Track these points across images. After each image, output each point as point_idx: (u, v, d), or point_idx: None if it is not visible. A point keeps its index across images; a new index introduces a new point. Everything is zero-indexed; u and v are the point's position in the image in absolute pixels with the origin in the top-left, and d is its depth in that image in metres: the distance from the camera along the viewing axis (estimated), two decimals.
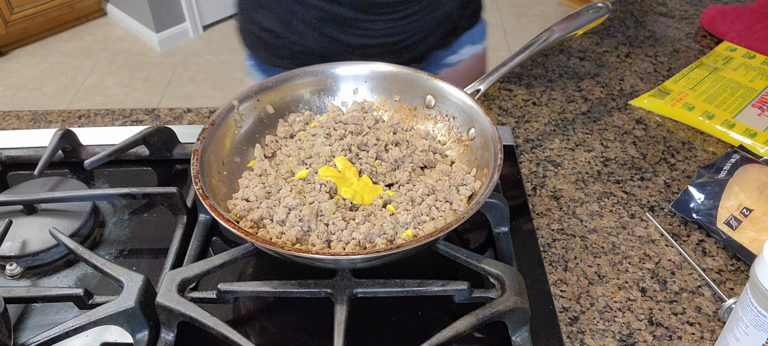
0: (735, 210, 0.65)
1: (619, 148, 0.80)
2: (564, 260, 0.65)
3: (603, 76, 0.93)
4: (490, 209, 0.64)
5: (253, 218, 0.59)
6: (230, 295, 0.57)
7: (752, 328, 0.47)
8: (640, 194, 0.73)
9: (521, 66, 0.95)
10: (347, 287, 0.56)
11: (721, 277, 0.63)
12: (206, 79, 2.75)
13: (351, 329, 0.54)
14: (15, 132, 0.84)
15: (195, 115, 0.88)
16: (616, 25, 1.06)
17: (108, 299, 0.56)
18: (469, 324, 0.52)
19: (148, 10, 2.85)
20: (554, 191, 0.73)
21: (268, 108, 0.72)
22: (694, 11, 1.09)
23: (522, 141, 0.81)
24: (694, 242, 0.67)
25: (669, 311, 0.60)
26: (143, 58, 2.92)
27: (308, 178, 0.64)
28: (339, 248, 0.57)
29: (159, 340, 0.56)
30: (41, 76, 2.82)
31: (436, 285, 0.56)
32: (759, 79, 0.88)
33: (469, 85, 0.70)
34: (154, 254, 0.67)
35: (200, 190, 0.57)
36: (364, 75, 0.74)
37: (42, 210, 0.69)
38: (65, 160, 0.78)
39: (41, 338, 0.53)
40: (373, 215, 0.60)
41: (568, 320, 0.59)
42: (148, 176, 0.78)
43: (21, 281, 0.64)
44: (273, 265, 0.65)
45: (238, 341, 0.52)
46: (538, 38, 0.74)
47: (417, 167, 0.66)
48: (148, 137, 0.74)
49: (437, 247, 0.59)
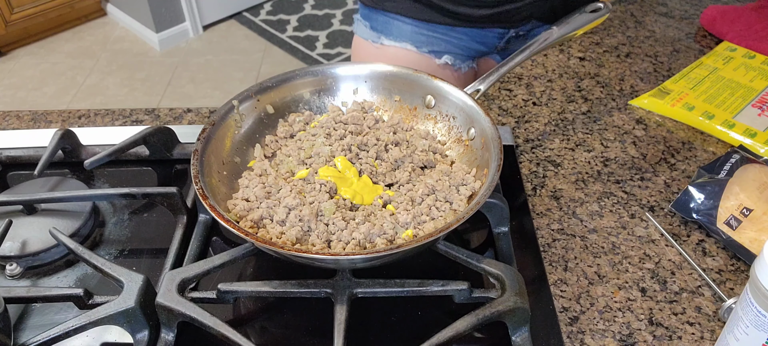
0: (735, 210, 0.65)
1: (619, 148, 0.80)
2: (564, 260, 0.65)
3: (603, 76, 0.93)
4: (490, 209, 0.64)
5: (253, 218, 0.59)
6: (230, 295, 0.57)
7: (752, 328, 0.47)
8: (640, 194, 0.73)
9: (521, 66, 0.95)
10: (347, 287, 0.56)
11: (721, 277, 0.63)
12: (206, 79, 2.75)
13: (351, 329, 0.54)
14: (15, 132, 0.84)
15: (195, 115, 0.88)
16: (616, 25, 1.06)
17: (108, 299, 0.56)
18: (469, 324, 0.52)
19: (148, 10, 2.85)
20: (554, 191, 0.73)
21: (268, 108, 0.72)
22: (694, 11, 1.09)
23: (522, 141, 0.81)
24: (694, 242, 0.67)
25: (669, 311, 0.60)
26: (143, 58, 2.92)
27: (308, 178, 0.64)
28: (339, 248, 0.57)
29: (159, 340, 0.56)
30: (41, 76, 2.82)
31: (436, 285, 0.56)
32: (759, 79, 0.88)
33: (469, 86, 0.70)
34: (154, 254, 0.67)
35: (200, 190, 0.57)
36: (364, 75, 0.74)
37: (42, 210, 0.69)
38: (65, 160, 0.78)
39: (41, 338, 0.53)
40: (373, 215, 0.60)
41: (568, 320, 0.59)
42: (148, 175, 0.78)
43: (21, 281, 0.64)
44: (273, 265, 0.65)
45: (238, 341, 0.52)
46: (538, 38, 0.74)
47: (417, 167, 0.66)
48: (148, 137, 0.74)
49: (437, 247, 0.59)
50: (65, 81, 2.78)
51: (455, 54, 0.95)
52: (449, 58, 0.94)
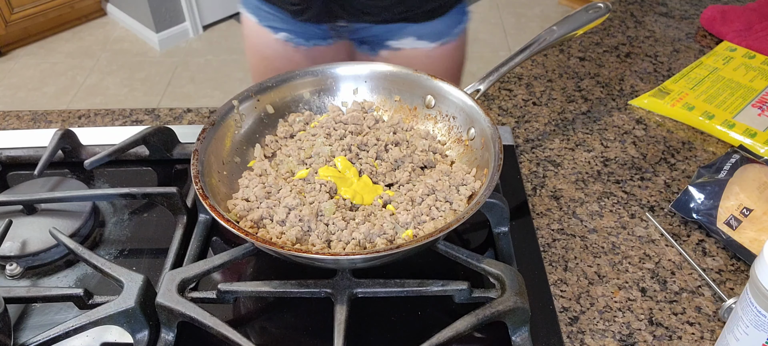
0: (735, 210, 0.65)
1: (619, 148, 0.80)
2: (564, 260, 0.65)
3: (603, 76, 0.93)
4: (490, 209, 0.64)
5: (253, 218, 0.59)
6: (230, 295, 0.57)
7: (752, 328, 0.47)
8: (640, 194, 0.73)
9: (521, 66, 0.95)
10: (347, 287, 0.56)
11: (721, 277, 0.63)
12: (206, 79, 2.75)
13: (351, 329, 0.54)
14: (15, 132, 0.84)
15: (195, 115, 0.88)
16: (616, 25, 1.06)
17: (108, 299, 0.56)
18: (469, 324, 0.52)
19: (148, 10, 2.85)
20: (554, 191, 0.73)
21: (268, 108, 0.72)
22: (694, 11, 1.09)
23: (522, 141, 0.81)
24: (694, 242, 0.67)
25: (669, 311, 0.60)
26: (143, 58, 2.92)
27: (308, 178, 0.64)
28: (339, 248, 0.57)
29: (159, 340, 0.56)
30: (41, 76, 2.82)
31: (436, 285, 0.56)
32: (759, 79, 0.88)
33: (469, 86, 0.70)
34: (154, 254, 0.67)
35: (200, 190, 0.57)
36: (364, 75, 0.74)
37: (42, 210, 0.69)
38: (65, 160, 0.78)
39: (41, 338, 0.53)
40: (373, 215, 0.60)
41: (568, 320, 0.59)
42: (148, 175, 0.78)
43: (21, 281, 0.64)
44: (273, 265, 0.65)
45: (238, 341, 0.52)
46: (538, 38, 0.74)
47: (417, 167, 0.66)
48: (148, 137, 0.74)
49: (437, 247, 0.59)
50: (65, 81, 2.78)
51: (294, 33, 0.96)
52: (285, 35, 0.96)
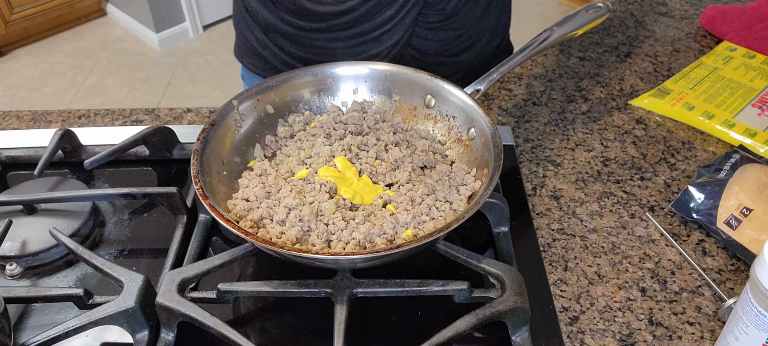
0: (735, 210, 0.65)
1: (619, 148, 0.80)
2: (564, 259, 0.65)
3: (603, 76, 0.93)
4: (490, 209, 0.64)
5: (253, 218, 0.59)
6: (230, 295, 0.57)
7: (752, 328, 0.47)
8: (640, 193, 0.73)
9: (521, 66, 0.95)
10: (347, 287, 0.56)
11: (721, 277, 0.63)
12: (206, 79, 2.75)
13: (351, 329, 0.54)
14: (15, 132, 0.84)
15: (195, 115, 0.88)
16: (616, 25, 1.06)
17: (108, 299, 0.56)
18: (469, 324, 0.52)
19: (148, 10, 2.85)
20: (554, 191, 0.73)
21: (268, 108, 0.72)
22: (694, 11, 1.09)
23: (522, 141, 0.81)
24: (694, 241, 0.67)
25: (669, 311, 0.60)
26: (143, 58, 2.92)
27: (308, 178, 0.64)
28: (339, 247, 0.57)
29: (159, 340, 0.56)
30: (41, 76, 2.82)
31: (436, 285, 0.56)
32: (759, 79, 0.88)
33: (469, 85, 0.70)
34: (154, 254, 0.67)
35: (200, 190, 0.57)
36: (364, 75, 0.74)
37: (42, 210, 0.69)
38: (65, 160, 0.78)
39: (41, 338, 0.53)
40: (373, 215, 0.60)
41: (568, 320, 0.59)
42: (148, 176, 0.78)
43: (21, 281, 0.64)
44: (273, 265, 0.65)
45: (238, 341, 0.52)
46: (538, 38, 0.74)
47: (417, 167, 0.66)
48: (148, 137, 0.74)
49: (437, 247, 0.59)
50: (65, 81, 2.78)
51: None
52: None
